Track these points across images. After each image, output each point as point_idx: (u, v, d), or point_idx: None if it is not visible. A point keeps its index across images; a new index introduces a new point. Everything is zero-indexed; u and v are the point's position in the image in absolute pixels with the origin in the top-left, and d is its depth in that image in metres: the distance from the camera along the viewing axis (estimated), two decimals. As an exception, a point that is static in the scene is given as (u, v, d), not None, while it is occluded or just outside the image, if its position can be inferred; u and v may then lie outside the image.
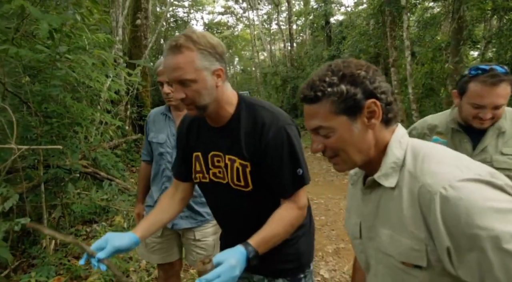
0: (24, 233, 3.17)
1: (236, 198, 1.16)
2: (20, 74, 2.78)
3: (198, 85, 1.02)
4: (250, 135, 1.11)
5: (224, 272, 0.90)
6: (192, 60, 1.00)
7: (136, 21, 9.24)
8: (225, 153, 1.14)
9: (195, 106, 1.06)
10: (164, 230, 1.88)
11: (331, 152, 0.79)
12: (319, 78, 0.77)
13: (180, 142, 1.31)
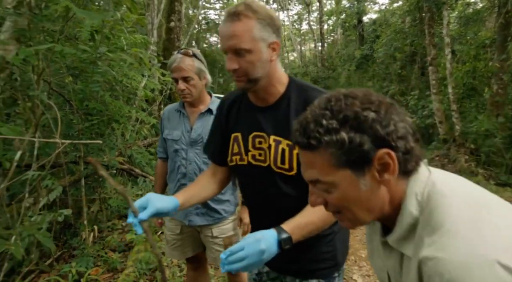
0: (65, 225, 3.34)
1: (276, 182, 1.08)
2: (63, 74, 2.93)
3: (253, 56, 0.97)
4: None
5: (248, 245, 0.86)
6: (250, 29, 0.95)
7: (170, 23, 9.51)
8: (270, 133, 1.07)
9: (247, 79, 1.00)
10: (182, 227, 1.90)
11: (334, 208, 0.66)
12: (314, 120, 0.60)
13: (218, 124, 1.27)
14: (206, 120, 1.79)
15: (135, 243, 2.90)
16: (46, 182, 2.12)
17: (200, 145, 1.78)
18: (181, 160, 1.81)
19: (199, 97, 1.79)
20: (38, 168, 2.38)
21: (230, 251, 0.85)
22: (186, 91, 1.72)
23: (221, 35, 1.00)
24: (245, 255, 0.85)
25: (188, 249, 1.96)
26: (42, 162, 2.08)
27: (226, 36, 0.97)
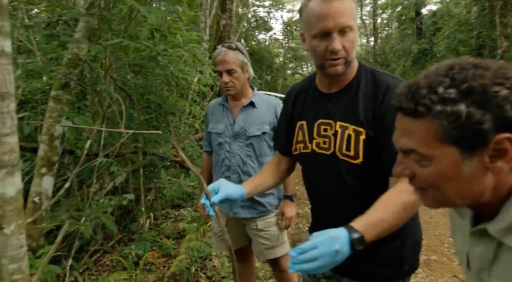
0: (125, 211, 3.61)
1: (340, 170, 1.03)
2: (126, 70, 3.15)
3: (354, 35, 0.95)
4: (370, 98, 0.99)
5: (322, 243, 0.77)
6: (352, 7, 0.94)
7: (221, 21, 9.76)
8: (337, 119, 1.03)
9: (345, 60, 0.96)
10: (228, 219, 1.91)
11: (421, 183, 0.59)
12: (428, 86, 0.54)
13: (284, 113, 1.25)
14: (248, 113, 1.81)
15: (187, 231, 3.03)
16: (112, 168, 2.30)
17: (243, 138, 1.79)
18: (225, 152, 1.84)
19: (241, 90, 1.80)
20: (103, 157, 2.59)
21: (301, 250, 0.78)
22: (230, 84, 1.74)
23: (323, 15, 0.93)
24: (318, 255, 0.76)
25: (234, 241, 1.98)
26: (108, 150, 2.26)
27: (335, 13, 0.91)
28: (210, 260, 2.76)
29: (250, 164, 1.83)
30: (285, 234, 1.93)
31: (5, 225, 0.82)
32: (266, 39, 30.09)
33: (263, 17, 25.88)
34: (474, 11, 10.85)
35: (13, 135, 0.80)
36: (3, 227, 0.83)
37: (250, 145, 1.81)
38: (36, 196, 2.33)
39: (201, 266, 2.66)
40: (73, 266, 2.27)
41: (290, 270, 0.81)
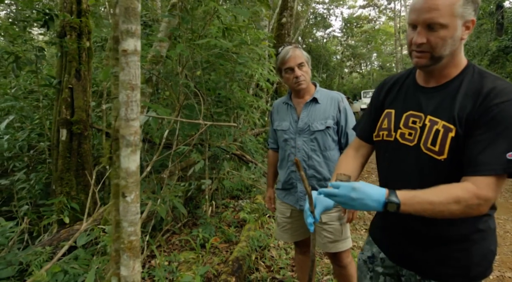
0: (189, 199, 3.89)
1: (420, 164, 1.03)
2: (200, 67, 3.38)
3: (447, 32, 0.93)
4: (470, 98, 0.97)
5: (343, 187, 0.94)
6: (453, 3, 0.92)
7: (281, 19, 9.82)
8: (428, 113, 1.03)
9: (430, 55, 0.97)
10: (292, 211, 1.98)
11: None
12: None
13: (375, 99, 1.26)
14: (311, 109, 1.86)
15: (247, 221, 3.18)
16: (193, 155, 2.51)
17: (307, 133, 1.85)
18: (291, 148, 1.91)
19: (307, 86, 1.86)
20: (177, 145, 2.84)
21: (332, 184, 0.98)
22: (302, 78, 1.81)
23: (416, 7, 0.96)
24: (337, 193, 0.95)
25: (297, 233, 2.06)
26: (188, 140, 2.48)
27: (424, 8, 0.93)
28: (268, 250, 2.87)
29: (315, 158, 1.88)
30: (348, 229, 1.95)
31: (127, 194, 0.99)
32: (324, 37, 29.45)
33: (322, 14, 25.38)
34: None
35: (137, 120, 0.96)
36: (126, 196, 0.99)
37: (315, 140, 1.86)
38: (121, 177, 2.63)
39: (260, 255, 2.78)
40: (149, 242, 2.53)
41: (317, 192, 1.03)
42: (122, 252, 1.03)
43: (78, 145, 2.93)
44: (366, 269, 1.28)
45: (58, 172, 2.84)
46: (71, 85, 2.99)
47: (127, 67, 0.91)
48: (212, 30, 3.13)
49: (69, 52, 3.03)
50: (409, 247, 1.11)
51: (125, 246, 1.01)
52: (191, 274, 2.03)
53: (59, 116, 2.96)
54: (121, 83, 0.92)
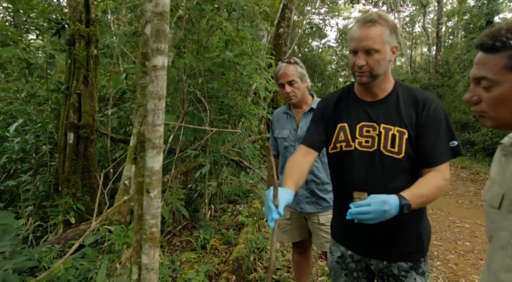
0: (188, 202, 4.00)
1: (384, 164, 1.23)
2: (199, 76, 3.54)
3: (380, 55, 1.17)
4: (411, 108, 1.22)
5: (375, 203, 1.01)
6: (382, 34, 1.16)
7: (279, 29, 10.07)
8: (380, 122, 1.24)
9: (370, 74, 1.20)
10: (292, 213, 2.12)
11: (486, 106, 0.75)
12: (507, 28, 0.69)
13: (322, 115, 1.41)
14: (309, 118, 1.99)
15: (245, 224, 3.30)
16: (199, 159, 2.65)
17: None
18: (291, 154, 2.06)
19: (302, 98, 2.02)
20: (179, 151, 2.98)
21: (358, 205, 1.03)
22: (292, 94, 1.98)
23: (354, 38, 1.20)
24: (369, 210, 1.01)
25: (296, 234, 2.20)
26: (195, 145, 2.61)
27: (361, 38, 1.17)
28: (265, 252, 2.99)
29: (314, 164, 2.03)
30: None
31: (151, 190, 1.13)
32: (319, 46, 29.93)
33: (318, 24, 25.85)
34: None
35: (161, 126, 1.10)
36: (150, 192, 1.13)
37: None
38: (127, 180, 2.75)
39: (258, 257, 2.90)
40: (152, 242, 2.64)
41: (346, 217, 1.05)
42: (144, 242, 1.16)
43: (84, 148, 3.05)
44: (340, 267, 1.44)
45: (65, 174, 2.95)
46: (79, 91, 3.12)
47: (156, 80, 1.05)
48: (214, 40, 3.29)
49: (77, 60, 3.16)
50: (372, 239, 1.31)
51: (147, 236, 1.15)
52: (194, 272, 2.14)
53: (66, 121, 3.08)
54: (149, 94, 1.07)
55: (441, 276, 3.15)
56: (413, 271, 1.27)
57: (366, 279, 1.40)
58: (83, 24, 3.28)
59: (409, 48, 24.98)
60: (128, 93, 4.86)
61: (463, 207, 5.49)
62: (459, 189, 6.66)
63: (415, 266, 1.28)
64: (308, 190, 2.03)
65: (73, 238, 2.55)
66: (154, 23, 1.02)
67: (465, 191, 6.52)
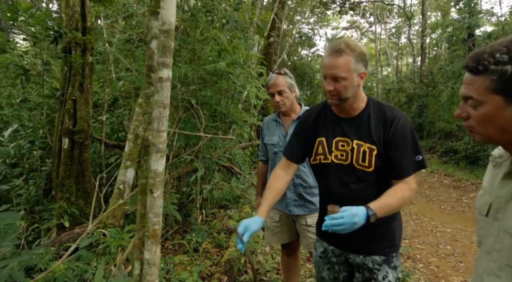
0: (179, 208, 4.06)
1: (356, 175, 1.38)
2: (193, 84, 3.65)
3: (347, 82, 1.30)
4: (380, 124, 1.36)
5: (346, 215, 1.16)
6: (348, 63, 1.28)
7: (269, 39, 10.29)
8: (353, 138, 1.39)
9: (338, 98, 1.34)
10: (281, 216, 2.25)
11: (473, 123, 0.81)
12: (490, 52, 0.75)
13: (302, 129, 1.55)
14: None
15: (236, 228, 3.39)
16: (195, 163, 2.74)
17: None
18: (280, 160, 2.18)
19: (291, 107, 2.17)
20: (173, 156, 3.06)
21: (332, 217, 1.17)
22: (281, 103, 2.12)
23: (325, 65, 1.34)
24: (342, 223, 1.16)
25: (285, 235, 2.31)
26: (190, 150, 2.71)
27: (330, 66, 1.30)
28: (255, 255, 3.09)
29: (301, 169, 2.16)
30: None
31: (155, 190, 1.23)
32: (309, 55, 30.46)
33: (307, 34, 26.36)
34: (533, 35, 10.39)
35: (165, 132, 1.20)
36: (153, 192, 1.23)
37: None
38: (121, 184, 2.82)
39: (248, 259, 2.98)
40: (146, 245, 2.70)
41: (322, 228, 1.20)
42: (146, 239, 1.25)
43: (79, 153, 3.11)
44: (323, 262, 1.59)
45: (60, 178, 3.00)
46: (75, 97, 3.18)
47: (161, 90, 1.17)
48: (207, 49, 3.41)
49: (73, 67, 3.24)
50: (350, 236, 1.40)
51: (149, 233, 1.24)
52: (188, 273, 2.22)
53: (61, 126, 3.13)
54: (155, 103, 1.18)
55: (423, 277, 3.30)
56: (385, 264, 1.42)
57: (346, 272, 1.55)
58: (79, 32, 3.36)
59: (395, 59, 25.69)
60: (120, 99, 4.93)
61: (445, 213, 5.71)
62: (442, 195, 6.91)
63: (388, 260, 1.42)
64: (296, 193, 2.15)
65: (68, 241, 2.59)
66: (161, 39, 1.14)
67: (447, 197, 6.77)
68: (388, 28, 25.27)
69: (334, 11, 19.69)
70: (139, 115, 2.94)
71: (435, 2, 21.67)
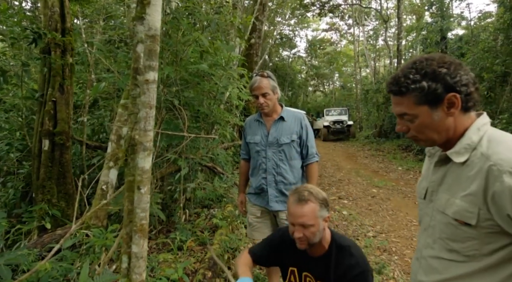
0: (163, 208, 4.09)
1: None
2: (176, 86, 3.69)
3: (314, 228, 1.42)
4: (339, 273, 1.47)
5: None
6: (314, 210, 1.41)
7: (250, 40, 10.40)
8: (317, 277, 1.53)
9: (307, 243, 1.45)
10: (262, 211, 2.35)
11: (414, 132, 0.94)
12: (404, 75, 0.89)
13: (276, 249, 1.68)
14: (279, 125, 2.27)
15: (219, 226, 3.46)
16: (179, 162, 2.79)
17: (275, 146, 2.26)
18: (262, 158, 2.29)
19: (273, 108, 2.27)
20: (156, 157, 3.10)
21: None
22: (265, 104, 2.21)
23: (292, 213, 1.45)
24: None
25: (267, 230, 2.40)
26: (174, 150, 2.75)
27: (297, 215, 1.42)
28: (239, 252, 3.17)
29: (282, 166, 2.26)
30: None
31: (142, 187, 1.29)
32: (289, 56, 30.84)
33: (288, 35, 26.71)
34: (501, 39, 10.98)
35: (151, 131, 1.27)
36: (140, 188, 1.29)
37: (282, 151, 2.26)
38: (104, 185, 2.84)
39: (232, 256, 3.07)
40: (130, 244, 2.73)
41: None
42: (134, 233, 1.32)
43: (60, 155, 3.09)
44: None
45: (40, 180, 2.97)
46: (55, 98, 3.16)
47: (147, 92, 1.24)
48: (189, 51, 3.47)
49: (53, 68, 3.21)
50: None
51: (137, 228, 1.31)
52: (173, 269, 2.28)
53: (41, 128, 3.10)
54: (141, 104, 1.25)
55: (398, 268, 3.48)
56: None
57: None
58: (58, 33, 3.34)
59: (373, 60, 26.42)
60: (100, 101, 4.89)
61: (419, 208, 5.98)
62: (417, 191, 7.22)
63: None
64: (277, 190, 2.25)
65: (50, 242, 2.59)
66: (147, 44, 1.21)
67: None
68: (366, 30, 25.98)
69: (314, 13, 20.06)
70: (122, 116, 2.96)
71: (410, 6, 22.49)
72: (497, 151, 0.83)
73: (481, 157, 0.85)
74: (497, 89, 11.07)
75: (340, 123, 18.25)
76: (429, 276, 0.97)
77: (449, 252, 0.92)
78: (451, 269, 0.92)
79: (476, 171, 0.85)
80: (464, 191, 0.87)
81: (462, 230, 0.87)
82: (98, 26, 5.18)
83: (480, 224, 0.84)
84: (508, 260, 0.83)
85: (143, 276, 1.31)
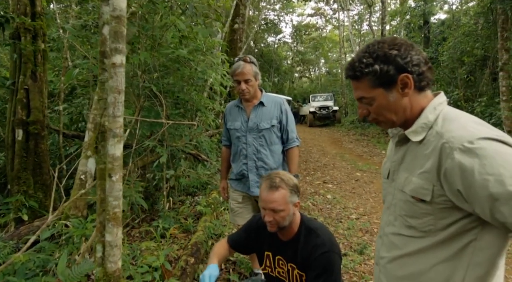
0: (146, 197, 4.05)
1: None
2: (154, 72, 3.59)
3: (284, 213, 1.51)
4: (304, 255, 1.56)
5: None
6: (285, 196, 1.50)
7: (234, 25, 10.19)
8: (288, 260, 1.61)
9: (277, 227, 1.54)
10: (244, 197, 2.36)
11: (374, 115, 0.97)
12: (358, 60, 0.92)
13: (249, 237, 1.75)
14: (259, 111, 2.26)
15: (204, 213, 3.46)
16: (158, 150, 2.74)
17: (256, 131, 2.25)
18: (242, 144, 2.28)
19: (253, 94, 2.24)
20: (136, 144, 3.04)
21: None
22: (246, 91, 2.19)
23: (263, 199, 1.52)
24: None
25: (248, 215, 2.41)
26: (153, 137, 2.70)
27: (268, 201, 1.50)
28: (223, 238, 3.18)
29: (263, 152, 2.26)
30: None
31: (113, 174, 1.26)
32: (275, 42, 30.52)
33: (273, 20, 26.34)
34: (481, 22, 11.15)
35: (121, 117, 1.23)
36: (112, 176, 1.26)
37: (262, 136, 2.25)
38: (83, 174, 2.77)
39: (216, 242, 3.07)
40: (111, 233, 2.70)
41: None
42: (107, 222, 1.29)
43: (35, 145, 2.99)
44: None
45: (15, 171, 2.88)
46: (27, 86, 3.03)
47: (115, 76, 1.19)
48: (168, 36, 3.37)
49: (24, 54, 3.07)
50: None
51: (110, 216, 1.28)
52: (155, 257, 2.27)
53: (14, 117, 2.99)
54: (109, 88, 1.20)
55: (379, 249, 3.58)
56: None
57: None
58: (28, 17, 3.18)
59: (358, 45, 26.43)
60: (78, 88, 4.73)
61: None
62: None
63: None
64: (258, 175, 2.25)
65: (27, 234, 2.53)
66: (113, 25, 1.15)
67: (404, 176, 7.25)
68: (351, 15, 25.87)
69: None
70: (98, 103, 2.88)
71: (394, -10, 22.43)
72: (449, 129, 0.85)
73: (436, 135, 0.88)
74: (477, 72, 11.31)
75: (326, 109, 18.32)
76: (391, 252, 1.01)
77: (408, 228, 0.95)
78: (410, 245, 0.95)
79: (431, 149, 0.87)
80: (420, 168, 0.90)
81: (418, 206, 0.91)
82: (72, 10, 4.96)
83: (434, 200, 0.87)
84: (461, 233, 0.86)
85: (118, 265, 1.29)
